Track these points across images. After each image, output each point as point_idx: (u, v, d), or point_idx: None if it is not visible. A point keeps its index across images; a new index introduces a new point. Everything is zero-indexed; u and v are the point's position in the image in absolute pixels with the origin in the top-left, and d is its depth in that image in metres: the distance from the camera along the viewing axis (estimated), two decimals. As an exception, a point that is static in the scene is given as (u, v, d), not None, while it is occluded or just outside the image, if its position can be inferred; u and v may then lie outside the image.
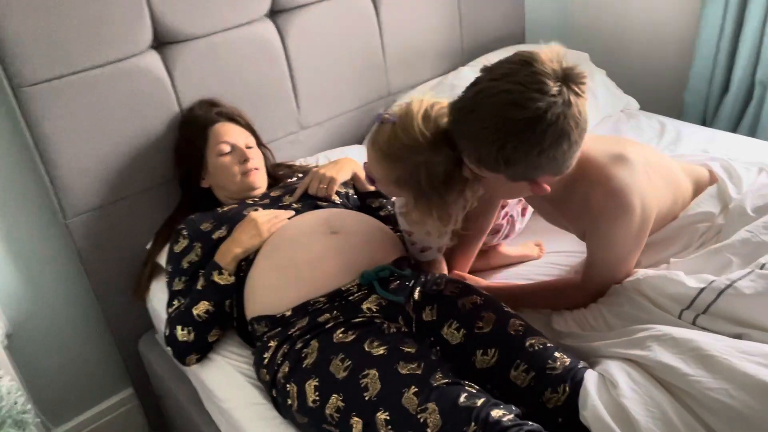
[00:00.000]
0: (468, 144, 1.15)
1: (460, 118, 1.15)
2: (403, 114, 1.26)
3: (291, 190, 1.68)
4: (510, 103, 1.05)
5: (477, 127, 1.10)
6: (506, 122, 1.05)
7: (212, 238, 1.54)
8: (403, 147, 1.25)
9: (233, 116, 1.75)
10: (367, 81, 2.18)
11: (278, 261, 1.39)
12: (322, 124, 2.13)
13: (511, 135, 1.06)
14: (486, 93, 1.09)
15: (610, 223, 1.21)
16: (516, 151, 1.07)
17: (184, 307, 1.45)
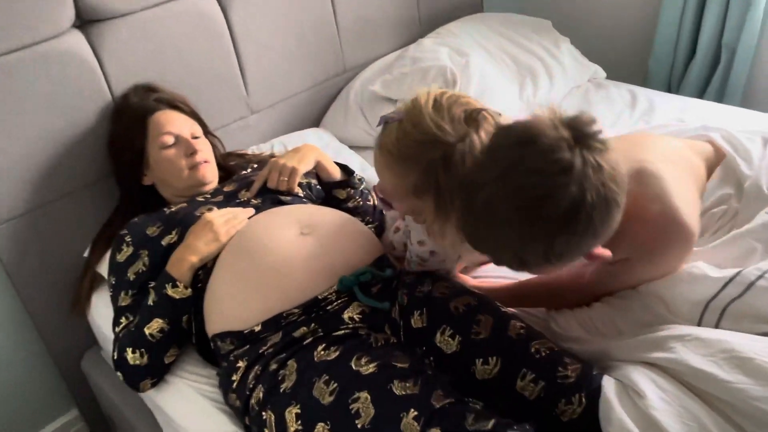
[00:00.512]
0: (505, 255, 0.96)
1: (479, 236, 0.96)
2: (409, 109, 1.06)
3: (247, 183, 1.50)
4: (536, 199, 0.86)
5: (509, 239, 0.91)
6: (543, 224, 0.87)
7: (161, 245, 1.35)
8: (415, 144, 1.03)
9: (175, 103, 1.54)
10: (320, 57, 2.01)
11: (242, 269, 1.21)
12: (274, 107, 1.95)
13: (554, 234, 0.88)
14: (499, 197, 0.89)
15: (664, 249, 1.06)
16: (568, 245, 0.90)
17: (134, 326, 1.26)
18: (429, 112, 1.02)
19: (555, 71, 2.05)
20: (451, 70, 1.86)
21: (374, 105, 1.94)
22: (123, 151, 1.50)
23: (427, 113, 1.02)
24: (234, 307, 1.20)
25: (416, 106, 1.04)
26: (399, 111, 1.07)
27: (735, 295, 0.98)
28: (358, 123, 1.97)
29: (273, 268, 1.18)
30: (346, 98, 2.02)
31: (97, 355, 1.70)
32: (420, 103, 1.04)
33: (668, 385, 0.91)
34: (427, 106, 1.03)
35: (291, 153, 1.49)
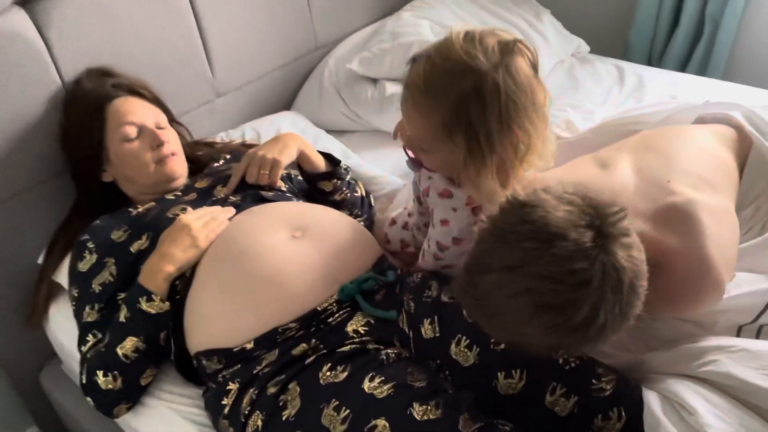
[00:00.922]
0: (502, 337, 0.92)
1: (479, 313, 0.87)
2: (440, 43, 0.98)
3: (222, 178, 1.35)
4: (545, 307, 0.78)
5: (511, 331, 0.84)
6: (547, 329, 0.79)
7: (130, 252, 1.20)
8: (444, 74, 0.95)
9: (135, 89, 1.37)
10: (290, 33, 1.84)
11: (228, 279, 1.08)
12: (242, 89, 1.79)
13: (557, 338, 0.80)
14: (504, 290, 0.80)
15: (689, 301, 0.95)
16: (569, 347, 0.86)
17: (104, 346, 1.12)
18: (459, 41, 0.95)
19: (538, 44, 1.94)
20: (434, 46, 1.73)
21: (352, 85, 1.80)
22: (78, 144, 1.33)
23: (458, 42, 0.95)
24: (221, 322, 1.07)
25: (447, 40, 0.97)
26: (428, 48, 0.98)
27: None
28: (335, 105, 1.83)
29: (264, 278, 1.05)
30: (320, 78, 1.87)
31: (57, 369, 1.54)
32: (451, 37, 0.96)
33: (720, 400, 0.83)
34: (458, 38, 0.95)
35: (271, 143, 1.35)
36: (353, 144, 1.73)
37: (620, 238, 0.78)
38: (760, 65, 2.14)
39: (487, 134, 0.94)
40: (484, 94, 0.92)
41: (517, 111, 0.94)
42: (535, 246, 0.77)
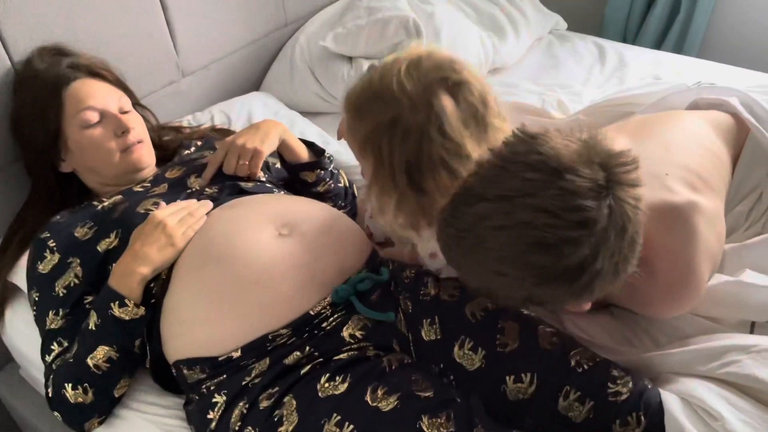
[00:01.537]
0: (473, 281, 0.83)
1: (454, 248, 0.80)
2: (391, 58, 0.90)
3: (195, 167, 1.25)
4: (539, 245, 0.72)
5: (485, 269, 0.77)
6: (535, 270, 0.73)
7: (97, 251, 1.09)
8: (373, 97, 0.89)
9: (95, 69, 1.24)
10: (258, 8, 1.73)
11: (210, 282, 0.98)
12: (209, 68, 1.67)
13: (543, 283, 0.74)
14: (494, 221, 0.74)
15: (667, 303, 0.92)
16: (553, 297, 0.77)
17: (72, 356, 1.01)
18: (402, 67, 0.87)
19: (518, 22, 1.88)
20: (414, 20, 1.64)
21: (326, 63, 1.70)
22: (33, 132, 1.20)
23: (399, 68, 0.87)
24: (203, 328, 0.98)
25: (397, 57, 0.91)
26: (384, 61, 0.92)
27: None
28: (308, 85, 1.73)
29: (251, 281, 0.96)
30: (291, 56, 1.76)
31: (16, 375, 1.42)
32: (402, 56, 0.89)
33: (745, 403, 0.79)
34: (405, 61, 0.88)
35: (250, 131, 1.24)
36: (329, 127, 1.63)
37: (630, 187, 0.74)
38: (734, 44, 2.14)
39: (391, 171, 0.88)
40: (395, 133, 0.85)
41: (426, 161, 0.86)
42: (540, 177, 0.72)
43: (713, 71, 1.74)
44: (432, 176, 0.87)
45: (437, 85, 0.85)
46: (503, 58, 1.83)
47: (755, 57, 2.06)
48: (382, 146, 0.88)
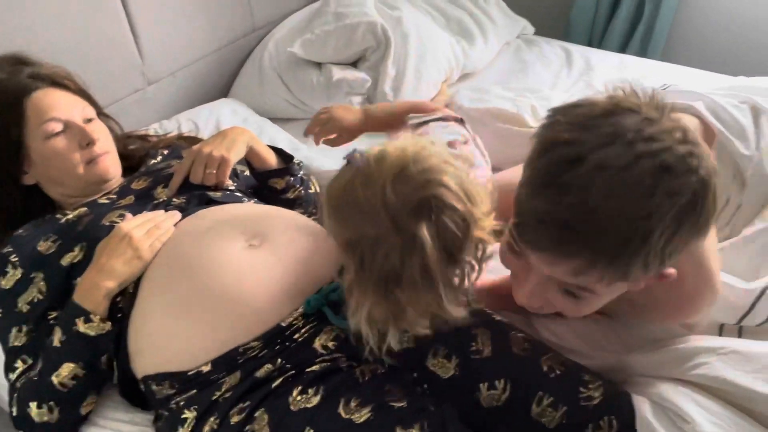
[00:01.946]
0: (599, 256, 0.70)
1: (578, 222, 0.69)
2: (377, 159, 0.80)
3: (162, 177, 1.22)
4: (664, 170, 0.66)
5: (633, 214, 0.67)
6: (674, 205, 0.67)
7: (61, 265, 1.07)
8: (356, 208, 0.81)
9: (58, 79, 1.21)
10: (226, 13, 1.71)
11: (179, 295, 0.97)
12: (176, 75, 1.65)
13: (681, 218, 0.68)
14: (612, 167, 0.67)
15: (687, 309, 0.90)
16: (687, 235, 0.70)
17: (36, 373, 0.99)
18: (387, 179, 0.78)
19: (486, 26, 1.90)
20: (382, 26, 1.65)
21: (295, 69, 1.69)
22: (-7, 143, 1.16)
23: (384, 180, 0.78)
24: (172, 343, 0.96)
25: (383, 159, 0.80)
26: (367, 156, 0.82)
27: (759, 322, 0.89)
28: (278, 91, 1.71)
29: (221, 294, 0.95)
30: (260, 62, 1.75)
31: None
32: (388, 159, 0.80)
33: (714, 405, 0.81)
34: (390, 170, 0.79)
35: (217, 138, 1.23)
36: (299, 133, 1.62)
37: None
38: (696, 46, 2.18)
39: (371, 278, 0.81)
40: (377, 250, 0.79)
41: (405, 279, 0.80)
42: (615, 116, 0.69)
43: (677, 74, 1.78)
44: (408, 292, 0.81)
45: (421, 212, 0.78)
46: (473, 62, 1.84)
47: (717, 59, 2.11)
48: (364, 256, 0.82)
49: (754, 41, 2.07)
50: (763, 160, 1.06)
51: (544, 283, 0.78)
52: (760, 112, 1.13)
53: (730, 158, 1.09)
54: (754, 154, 1.07)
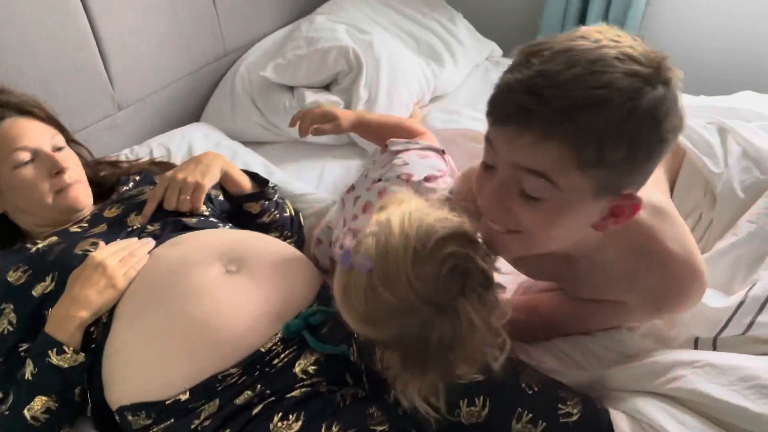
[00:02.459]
0: (556, 124, 0.70)
1: (539, 86, 0.70)
2: (382, 253, 0.78)
3: (135, 204, 1.21)
4: (627, 57, 0.68)
5: (577, 88, 0.68)
6: (633, 85, 0.68)
7: (32, 296, 1.04)
8: (388, 310, 0.79)
9: (27, 107, 1.19)
10: (197, 39, 1.71)
11: (155, 324, 0.95)
12: (146, 100, 1.64)
13: (637, 102, 0.68)
14: (577, 49, 0.69)
15: (677, 299, 0.89)
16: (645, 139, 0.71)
17: (8, 408, 0.96)
18: (408, 270, 0.77)
19: (455, 49, 1.93)
20: (354, 51, 1.66)
21: (268, 93, 1.70)
22: (-41, 172, 1.14)
23: (406, 272, 0.77)
24: (148, 371, 0.94)
25: (391, 250, 0.78)
26: (367, 250, 0.79)
27: (737, 334, 0.92)
28: (250, 115, 1.71)
29: (198, 321, 0.94)
30: (231, 86, 1.75)
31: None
32: (396, 247, 0.78)
33: (690, 419, 0.82)
34: (407, 257, 0.77)
35: (191, 164, 1.22)
36: (273, 157, 1.63)
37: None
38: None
39: (422, 361, 0.81)
40: (426, 334, 0.79)
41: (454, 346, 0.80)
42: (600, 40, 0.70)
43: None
44: (459, 351, 0.81)
45: (452, 283, 0.78)
46: (443, 85, 1.86)
47: (681, 79, 2.18)
48: (411, 346, 0.81)
49: (713, 62, 2.14)
50: (731, 177, 1.10)
51: (507, 183, 0.76)
52: (726, 131, 1.17)
53: (700, 176, 1.13)
54: (722, 171, 1.11)
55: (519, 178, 0.75)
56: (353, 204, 1.25)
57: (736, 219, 1.06)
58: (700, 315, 0.94)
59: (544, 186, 0.73)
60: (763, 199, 1.05)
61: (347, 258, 0.81)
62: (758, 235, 1.02)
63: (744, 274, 1.00)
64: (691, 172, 1.13)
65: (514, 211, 0.78)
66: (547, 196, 0.74)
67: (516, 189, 0.76)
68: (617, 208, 0.77)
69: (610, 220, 0.78)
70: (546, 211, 0.76)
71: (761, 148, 1.12)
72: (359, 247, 0.79)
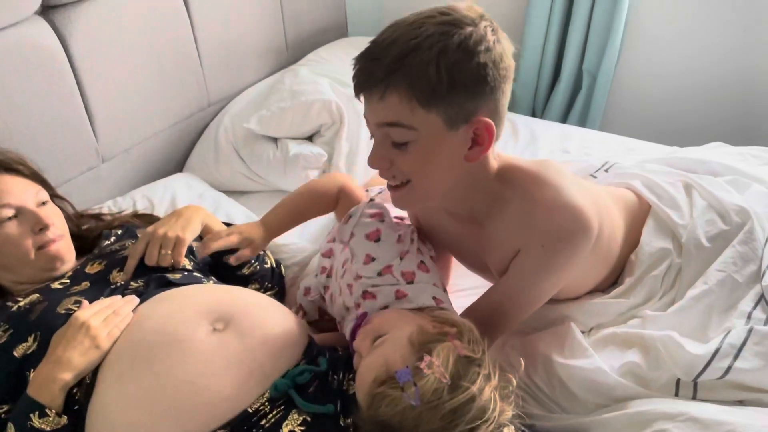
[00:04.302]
0: (391, 75, 0.87)
1: (376, 52, 0.89)
2: (434, 406, 0.81)
3: (117, 260, 1.20)
4: (445, 22, 0.87)
5: (397, 44, 0.86)
6: (444, 35, 0.86)
7: (14, 357, 1.03)
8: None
9: (11, 164, 1.19)
10: (181, 90, 1.73)
11: (140, 384, 0.94)
12: (130, 152, 1.64)
13: (447, 51, 0.85)
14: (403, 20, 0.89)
15: (559, 246, 0.96)
16: (462, 75, 0.86)
17: (-14, 474, 0.94)
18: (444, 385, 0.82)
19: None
20: (336, 104, 1.69)
21: (252, 144, 1.71)
22: (-61, 230, 1.13)
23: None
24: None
25: (437, 409, 0.81)
26: (423, 392, 0.81)
27: (715, 378, 0.94)
28: (233, 165, 1.73)
29: (185, 382, 0.93)
30: (215, 137, 1.76)
31: None
32: (444, 415, 0.81)
33: (672, 474, 0.83)
34: (448, 425, 0.81)
35: (171, 218, 1.23)
36: (255, 207, 1.63)
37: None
38: (631, 115, 2.32)
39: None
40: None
41: None
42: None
43: (616, 143, 1.87)
44: None
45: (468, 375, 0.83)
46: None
47: (650, 128, 2.25)
48: None
49: (682, 113, 2.22)
50: (696, 227, 1.14)
51: (381, 141, 0.93)
52: (691, 187, 1.23)
53: (666, 226, 1.17)
54: (687, 222, 1.16)
55: (386, 132, 0.91)
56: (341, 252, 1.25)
57: (704, 267, 1.10)
58: (680, 358, 0.96)
59: (403, 132, 0.89)
60: (729, 249, 1.09)
61: (406, 375, 0.83)
62: (726, 284, 1.06)
63: (717, 321, 1.03)
64: (658, 223, 1.18)
65: (394, 162, 0.94)
66: (411, 138, 0.90)
67: (388, 143, 0.92)
68: (476, 135, 0.91)
69: (476, 149, 0.92)
70: (417, 153, 0.91)
71: (724, 200, 1.17)
72: (421, 378, 0.82)
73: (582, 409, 1.02)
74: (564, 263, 0.99)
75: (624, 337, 1.06)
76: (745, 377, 0.92)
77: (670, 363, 0.97)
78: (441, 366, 0.83)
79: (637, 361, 1.01)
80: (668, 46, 2.16)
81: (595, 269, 1.13)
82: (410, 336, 0.89)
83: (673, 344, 0.97)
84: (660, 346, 0.98)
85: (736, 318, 1.01)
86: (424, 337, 0.88)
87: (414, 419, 0.80)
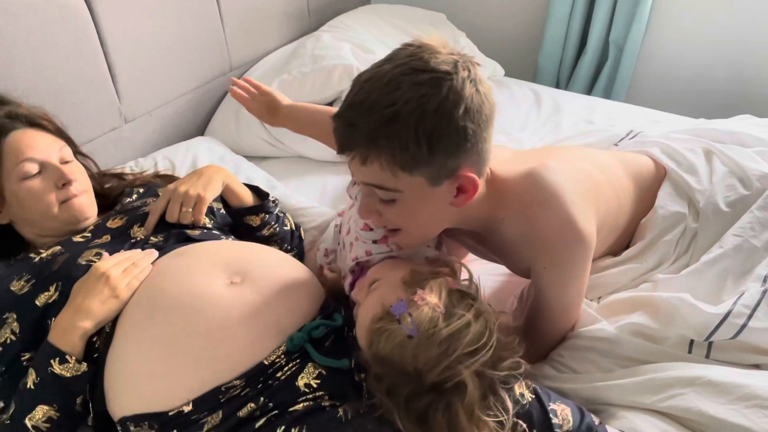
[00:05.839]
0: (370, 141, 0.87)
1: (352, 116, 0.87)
2: (429, 334, 0.83)
3: (138, 216, 1.22)
4: (414, 70, 0.83)
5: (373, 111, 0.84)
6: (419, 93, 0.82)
7: (35, 306, 1.05)
8: (400, 369, 0.85)
9: (35, 119, 1.20)
10: (203, 55, 1.73)
11: (159, 334, 0.96)
12: (152, 114, 1.65)
13: (425, 106, 0.82)
14: (377, 77, 0.85)
15: (564, 257, 0.97)
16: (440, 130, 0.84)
17: (9, 417, 0.96)
18: (441, 361, 0.83)
19: (458, 69, 1.94)
20: (358, 69, 1.68)
21: (272, 109, 1.71)
22: (-34, 182, 1.15)
23: (437, 361, 0.83)
24: (152, 383, 0.94)
25: (434, 336, 0.83)
26: (419, 321, 0.84)
27: (727, 337, 0.93)
28: (254, 130, 1.73)
29: (203, 332, 0.94)
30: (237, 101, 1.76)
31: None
32: (440, 342, 0.83)
33: (688, 437, 0.83)
34: (445, 352, 0.83)
35: (193, 177, 1.24)
36: (275, 172, 1.64)
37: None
38: (657, 89, 2.27)
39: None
40: (411, 405, 0.85)
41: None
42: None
43: (641, 115, 1.84)
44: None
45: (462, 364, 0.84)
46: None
47: (677, 102, 2.20)
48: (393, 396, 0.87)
49: (709, 86, 2.17)
50: (714, 192, 1.12)
51: (368, 195, 0.95)
52: (712, 153, 1.21)
53: (683, 190, 1.15)
54: (705, 188, 1.14)
55: (371, 190, 0.92)
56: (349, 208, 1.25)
57: (721, 233, 1.09)
58: (692, 318, 0.95)
59: (388, 192, 0.90)
60: (748, 214, 1.07)
61: (400, 308, 0.86)
62: (743, 248, 1.04)
63: (732, 286, 1.02)
64: (675, 188, 1.16)
65: (383, 213, 0.95)
66: (397, 197, 0.91)
67: (376, 198, 0.94)
68: (461, 187, 0.91)
69: (462, 197, 0.93)
70: (403, 209, 0.93)
71: (746, 166, 1.15)
72: (415, 309, 0.85)
73: (594, 369, 1.01)
74: (573, 270, 1.00)
75: (633, 300, 1.06)
76: (760, 337, 0.91)
77: (682, 323, 0.96)
78: (435, 297, 0.86)
79: (643, 322, 1.01)
80: (697, 18, 2.11)
81: (604, 242, 1.13)
82: (403, 277, 0.93)
83: (685, 305, 0.96)
84: (671, 306, 0.97)
85: (752, 282, 0.99)
86: (417, 275, 0.92)
87: (413, 349, 0.82)
